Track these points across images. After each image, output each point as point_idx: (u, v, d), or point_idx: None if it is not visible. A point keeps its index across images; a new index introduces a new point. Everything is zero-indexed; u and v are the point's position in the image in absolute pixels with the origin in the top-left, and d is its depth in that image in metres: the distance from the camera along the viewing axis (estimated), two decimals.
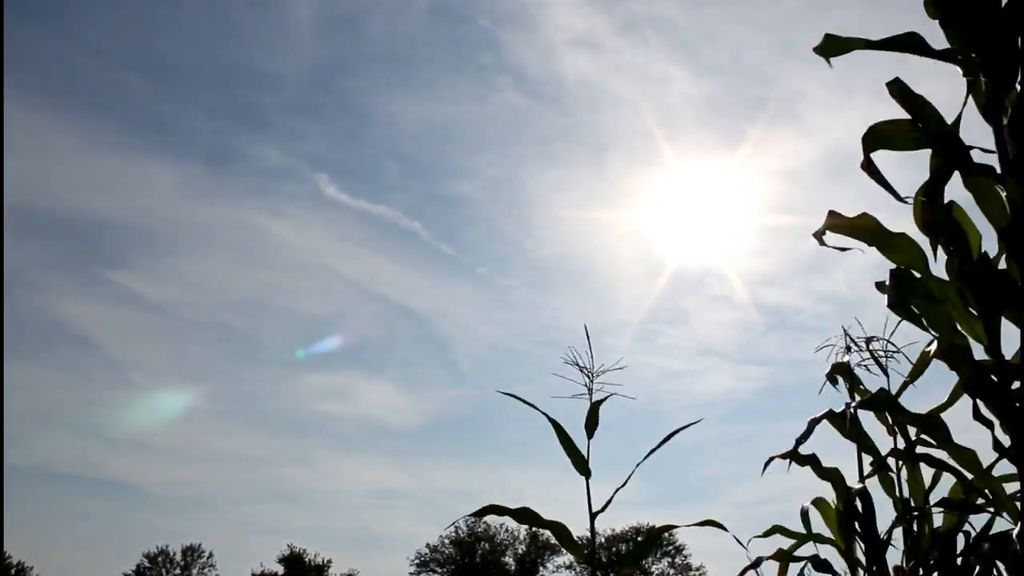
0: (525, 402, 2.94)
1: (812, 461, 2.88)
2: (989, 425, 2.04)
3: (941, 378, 2.80)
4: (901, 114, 2.01)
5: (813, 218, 2.14)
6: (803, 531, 3.05)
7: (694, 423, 3.11)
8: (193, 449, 61.11)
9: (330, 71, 61.73)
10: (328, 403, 63.60)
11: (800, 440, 2.75)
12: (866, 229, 2.09)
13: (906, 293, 2.08)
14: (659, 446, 2.95)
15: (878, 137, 1.92)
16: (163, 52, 58.35)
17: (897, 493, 2.94)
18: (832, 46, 2.02)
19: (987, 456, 2.45)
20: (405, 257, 63.51)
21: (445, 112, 61.62)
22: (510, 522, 48.79)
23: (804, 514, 3.04)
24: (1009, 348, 1.97)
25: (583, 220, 57.27)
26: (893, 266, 2.11)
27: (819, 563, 2.91)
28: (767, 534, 3.06)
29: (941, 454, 2.55)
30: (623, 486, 2.89)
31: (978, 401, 2.00)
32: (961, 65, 1.91)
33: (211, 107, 60.33)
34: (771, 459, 2.87)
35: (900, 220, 2.07)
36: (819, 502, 3.04)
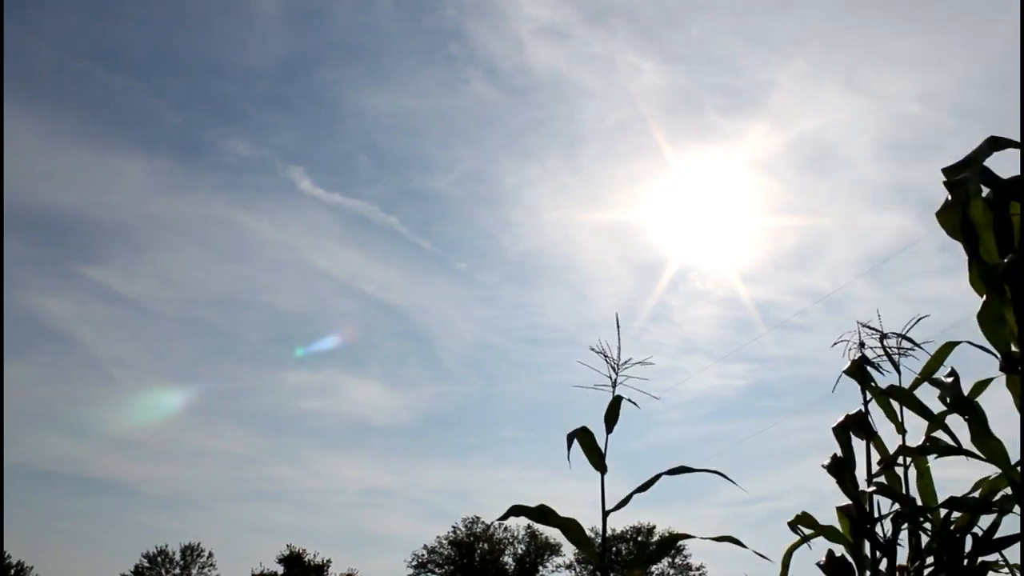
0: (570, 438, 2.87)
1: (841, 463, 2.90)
2: None
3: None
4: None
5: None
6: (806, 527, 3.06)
7: (731, 481, 2.95)
8: (180, 447, 61.20)
9: (297, 63, 61.60)
10: (313, 401, 63.83)
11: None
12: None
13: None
14: (690, 471, 2.88)
15: None
16: (128, 44, 58.09)
17: (904, 492, 2.95)
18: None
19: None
20: (384, 252, 63.58)
21: (415, 104, 61.60)
22: (509, 521, 48.73)
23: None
24: None
25: (559, 215, 57.32)
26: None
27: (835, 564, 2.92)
28: (795, 521, 3.04)
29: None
30: (641, 490, 2.84)
31: None
32: None
33: (179, 100, 60.33)
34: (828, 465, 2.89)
35: (886, 214, 2.12)
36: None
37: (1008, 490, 2.53)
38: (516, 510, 2.86)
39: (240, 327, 63.30)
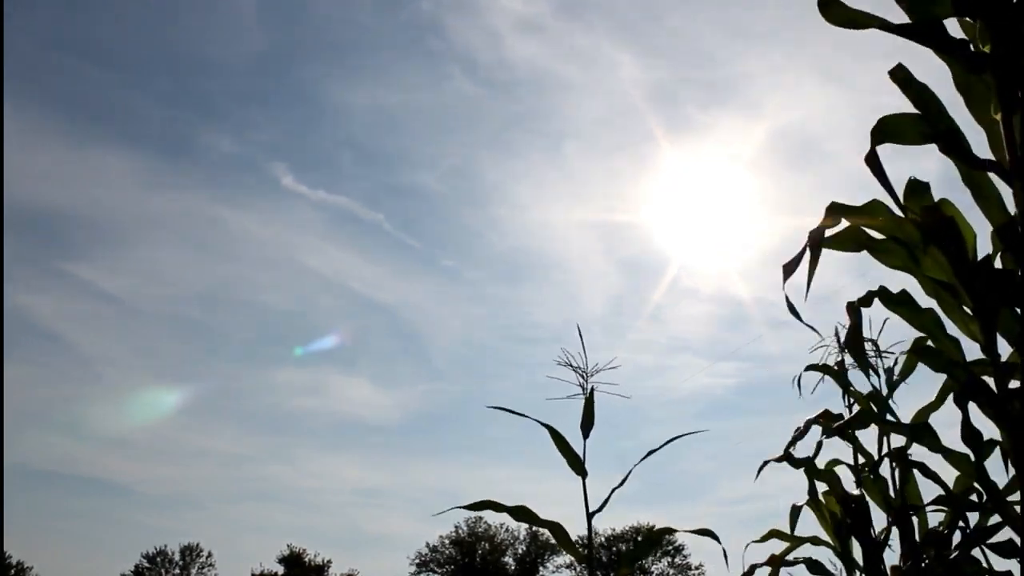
0: (516, 413, 2.91)
1: (807, 464, 2.88)
2: (978, 438, 2.04)
3: (931, 375, 2.82)
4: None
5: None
6: (797, 532, 3.05)
7: (699, 432, 3.08)
8: (176, 447, 60.75)
9: (278, 58, 61.10)
10: (305, 399, 63.40)
11: (792, 442, 2.78)
12: (871, 226, 2.05)
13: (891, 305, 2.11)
14: (658, 448, 2.93)
15: (886, 131, 1.89)
16: (109, 39, 57.45)
17: (892, 493, 2.95)
18: (839, 13, 1.87)
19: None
20: (369, 249, 63.13)
21: (396, 100, 61.25)
22: (510, 522, 48.35)
23: (794, 512, 3.03)
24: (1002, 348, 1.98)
25: (544, 211, 57.09)
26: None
27: (814, 566, 2.91)
28: (764, 539, 3.04)
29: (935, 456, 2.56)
30: (620, 486, 2.87)
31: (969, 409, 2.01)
32: (966, 60, 1.87)
33: (160, 95, 59.47)
34: (765, 463, 2.88)
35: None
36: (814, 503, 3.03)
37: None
38: (488, 504, 2.85)
39: (228, 325, 63.03)
